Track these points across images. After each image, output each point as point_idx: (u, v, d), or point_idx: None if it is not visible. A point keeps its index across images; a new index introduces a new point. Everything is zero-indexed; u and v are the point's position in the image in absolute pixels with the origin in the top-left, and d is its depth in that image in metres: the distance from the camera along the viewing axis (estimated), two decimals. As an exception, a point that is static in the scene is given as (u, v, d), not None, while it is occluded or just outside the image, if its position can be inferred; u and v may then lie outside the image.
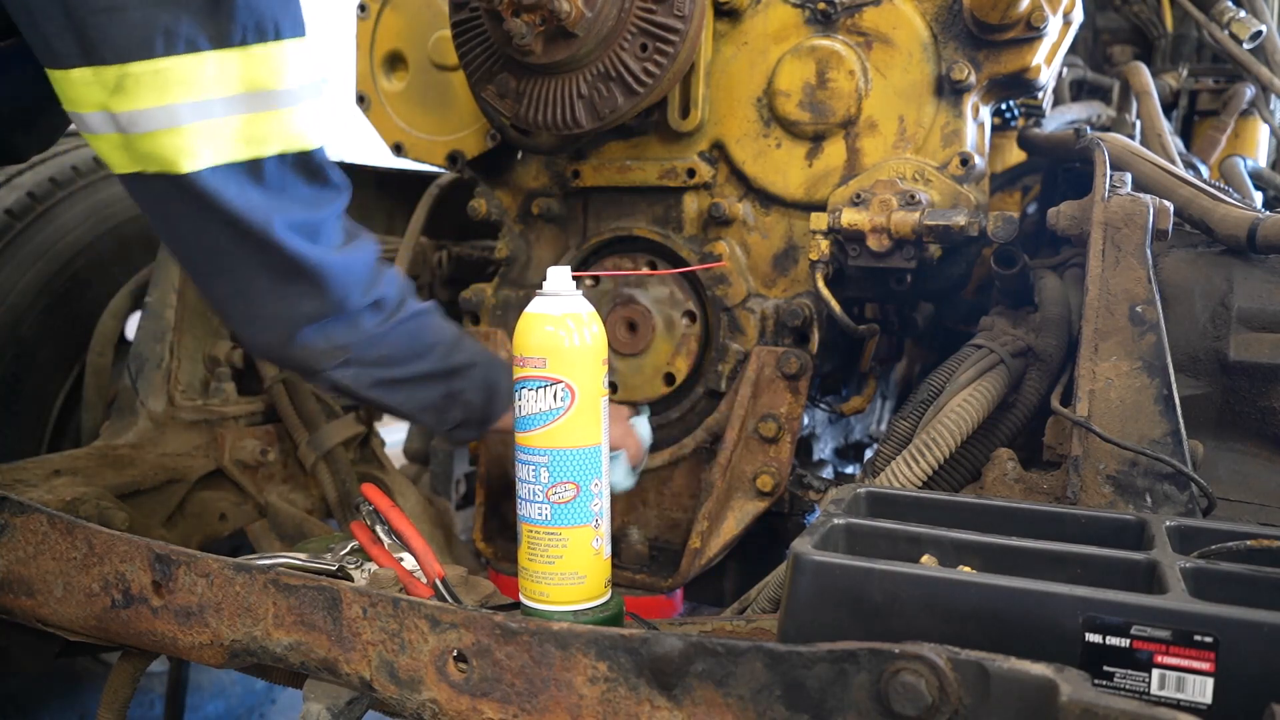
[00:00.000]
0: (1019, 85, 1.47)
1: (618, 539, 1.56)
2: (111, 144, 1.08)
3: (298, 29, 1.10)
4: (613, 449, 1.30)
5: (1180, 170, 1.43)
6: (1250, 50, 2.01)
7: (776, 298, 1.57)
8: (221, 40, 1.03)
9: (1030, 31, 1.38)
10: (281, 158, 1.09)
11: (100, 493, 1.52)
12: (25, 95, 1.12)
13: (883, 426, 2.20)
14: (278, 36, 1.07)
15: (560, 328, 1.07)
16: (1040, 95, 1.65)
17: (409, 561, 1.13)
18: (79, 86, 1.05)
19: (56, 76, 1.07)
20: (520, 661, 0.90)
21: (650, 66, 1.42)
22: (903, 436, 1.34)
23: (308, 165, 1.12)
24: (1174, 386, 1.14)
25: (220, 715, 2.33)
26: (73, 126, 1.14)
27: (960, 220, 1.34)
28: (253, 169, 1.07)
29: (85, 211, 2.01)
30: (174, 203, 1.08)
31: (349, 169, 2.06)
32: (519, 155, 1.77)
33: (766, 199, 1.57)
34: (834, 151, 1.51)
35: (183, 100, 1.03)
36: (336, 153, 1.97)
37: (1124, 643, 0.78)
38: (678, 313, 1.61)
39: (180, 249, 1.15)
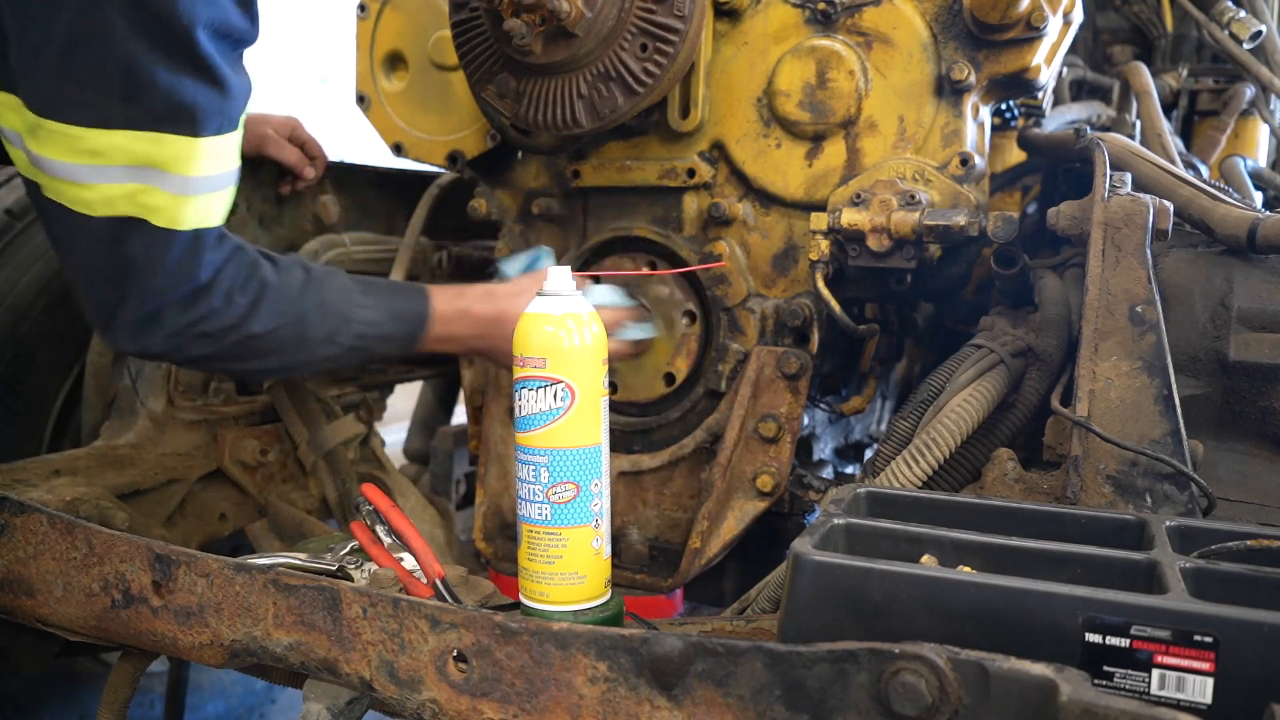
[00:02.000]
0: (1019, 85, 1.47)
1: (618, 539, 1.56)
2: (21, 158, 1.13)
3: (223, 126, 1.11)
4: None
5: (1180, 170, 1.43)
6: (1250, 50, 2.01)
7: (776, 298, 1.57)
8: (133, 123, 1.05)
9: (1030, 31, 1.38)
10: (169, 232, 1.12)
11: (100, 493, 1.52)
12: None
13: (883, 426, 2.20)
14: (194, 133, 1.08)
15: (560, 328, 1.07)
16: (1040, 95, 1.65)
17: (409, 561, 1.13)
18: (2, 107, 1.09)
19: None
20: (520, 661, 0.90)
21: (650, 66, 1.42)
22: (903, 436, 1.34)
23: (187, 245, 1.14)
24: (1174, 386, 1.14)
25: (220, 715, 2.33)
26: None
27: (960, 220, 1.34)
28: (136, 229, 1.11)
29: (85, 211, 2.00)
30: (57, 223, 1.13)
31: (349, 169, 2.07)
32: (519, 155, 1.77)
33: (766, 199, 1.57)
34: (834, 151, 1.51)
35: (85, 163, 1.06)
36: (336, 153, 1.97)
37: (1124, 643, 0.78)
38: (678, 313, 1.61)
39: (56, 250, 1.21)
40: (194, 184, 1.11)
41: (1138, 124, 1.95)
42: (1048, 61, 1.43)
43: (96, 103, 1.04)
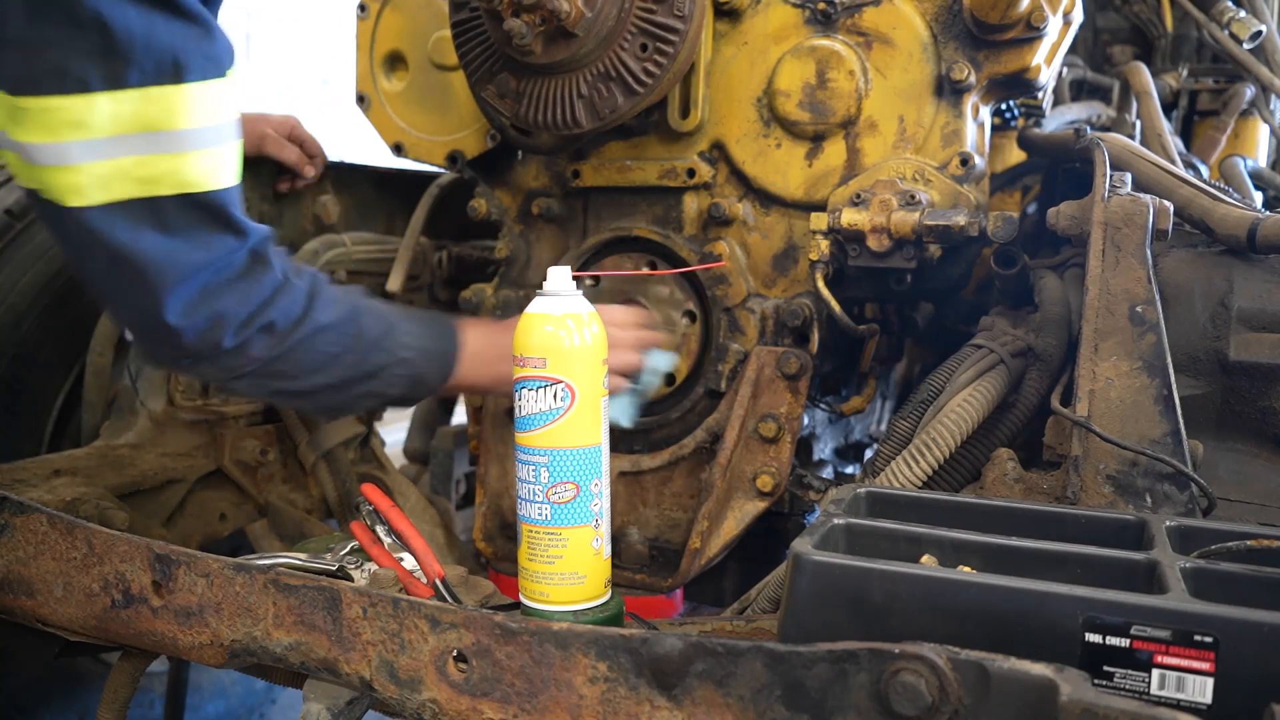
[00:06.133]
0: (1019, 85, 1.47)
1: (618, 539, 1.56)
2: (13, 159, 1.06)
3: (211, 69, 1.05)
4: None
5: (1180, 170, 1.43)
6: (1250, 50, 2.01)
7: (776, 298, 1.57)
8: (115, 81, 0.99)
9: (1030, 31, 1.38)
10: (180, 199, 1.05)
11: (100, 493, 1.52)
12: None
13: (883, 426, 2.20)
14: (178, 79, 1.02)
15: (560, 328, 1.07)
16: (1040, 95, 1.65)
17: (409, 561, 1.13)
18: None
19: None
20: (520, 661, 0.90)
21: (650, 66, 1.42)
22: (903, 436, 1.34)
23: (208, 208, 1.07)
24: (1174, 386, 1.14)
25: (220, 715, 2.33)
26: None
27: (960, 220, 1.34)
28: (146, 208, 1.04)
29: (85, 211, 2.00)
30: (62, 229, 1.06)
31: (349, 169, 2.07)
32: (519, 155, 1.77)
33: (766, 199, 1.57)
34: (834, 151, 1.51)
35: (72, 139, 1.00)
36: (336, 153, 1.97)
37: (1124, 643, 0.78)
38: (678, 313, 1.61)
39: (73, 266, 1.13)
40: (191, 138, 1.04)
41: (1138, 124, 1.95)
42: (1048, 61, 1.43)
43: (72, 65, 0.97)
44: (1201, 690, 0.77)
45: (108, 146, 1.01)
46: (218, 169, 1.08)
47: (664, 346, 1.53)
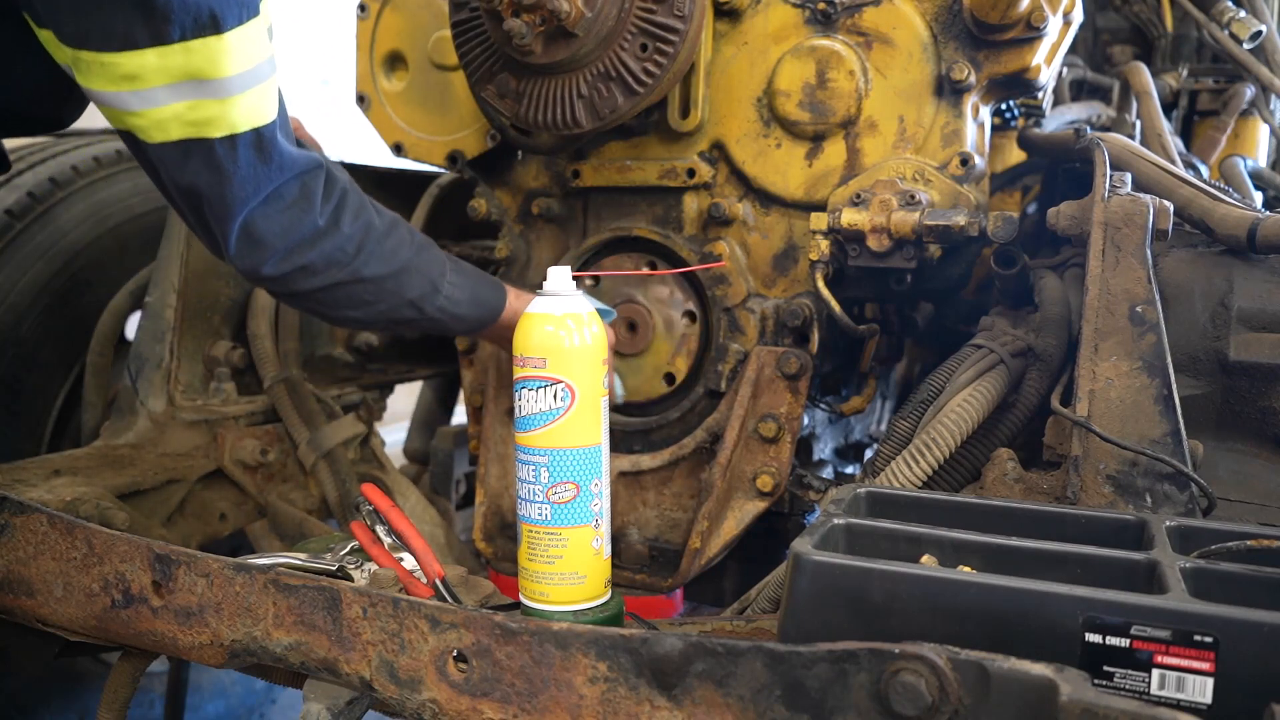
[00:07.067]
0: (1019, 85, 1.47)
1: (618, 539, 1.56)
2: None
3: (243, 14, 1.11)
4: None
5: (1180, 170, 1.43)
6: (1250, 50, 2.01)
7: (776, 298, 1.57)
8: (158, 38, 1.06)
9: (1030, 31, 1.38)
10: (229, 139, 1.13)
11: (100, 493, 1.52)
12: (54, 68, 1.16)
13: (883, 426, 2.20)
14: (217, 30, 1.09)
15: (560, 328, 1.07)
16: (1040, 95, 1.65)
17: (409, 561, 1.13)
18: (49, 44, 1.12)
19: (32, 26, 1.13)
20: (520, 661, 0.90)
21: (650, 66, 1.42)
22: (903, 436, 1.34)
23: (256, 145, 1.16)
24: (1174, 386, 1.14)
25: (220, 715, 2.33)
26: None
27: (960, 220, 1.34)
28: (201, 148, 1.13)
29: (85, 211, 2.01)
30: (141, 160, 1.18)
31: (349, 169, 2.07)
32: (519, 155, 1.77)
33: (766, 199, 1.57)
34: (834, 151, 1.51)
35: (127, 90, 1.09)
36: (336, 153, 1.97)
37: (1124, 643, 0.78)
38: (678, 313, 1.61)
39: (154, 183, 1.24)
40: (234, 83, 1.11)
41: (1138, 124, 1.95)
42: (1048, 61, 1.43)
43: (118, 26, 1.05)
44: (1201, 690, 0.77)
45: (161, 94, 1.09)
46: (261, 106, 1.16)
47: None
